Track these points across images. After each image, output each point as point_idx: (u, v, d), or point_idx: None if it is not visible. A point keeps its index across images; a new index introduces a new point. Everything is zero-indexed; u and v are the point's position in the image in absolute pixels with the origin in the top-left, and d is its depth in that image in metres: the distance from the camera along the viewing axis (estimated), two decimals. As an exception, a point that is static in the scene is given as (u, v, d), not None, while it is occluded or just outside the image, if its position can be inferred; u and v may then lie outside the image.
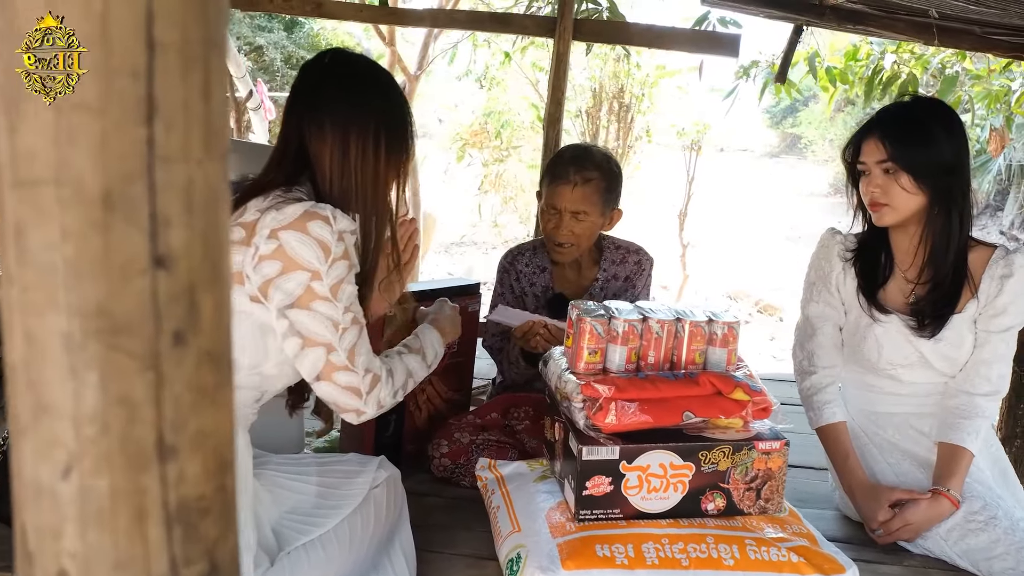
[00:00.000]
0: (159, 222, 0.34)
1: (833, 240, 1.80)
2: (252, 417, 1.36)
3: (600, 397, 1.37)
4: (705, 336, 1.48)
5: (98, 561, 0.36)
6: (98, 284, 0.33)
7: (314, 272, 1.20)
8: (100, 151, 0.32)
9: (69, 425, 0.34)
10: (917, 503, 1.63)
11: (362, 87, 1.38)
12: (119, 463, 0.35)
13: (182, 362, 0.36)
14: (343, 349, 1.22)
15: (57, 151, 0.32)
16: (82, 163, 0.32)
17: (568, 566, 1.30)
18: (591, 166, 1.95)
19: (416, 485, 1.85)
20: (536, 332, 1.82)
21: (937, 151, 1.60)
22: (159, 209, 0.34)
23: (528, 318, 1.85)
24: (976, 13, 2.61)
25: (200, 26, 0.34)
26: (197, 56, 0.34)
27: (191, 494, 0.38)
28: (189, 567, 0.38)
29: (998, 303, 1.66)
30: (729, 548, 1.36)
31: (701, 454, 1.40)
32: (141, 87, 0.33)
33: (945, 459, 1.66)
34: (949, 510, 1.61)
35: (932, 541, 1.65)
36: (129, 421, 0.35)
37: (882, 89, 5.81)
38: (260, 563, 1.26)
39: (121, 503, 0.35)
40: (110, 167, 0.33)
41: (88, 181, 0.32)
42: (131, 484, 0.35)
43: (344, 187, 1.34)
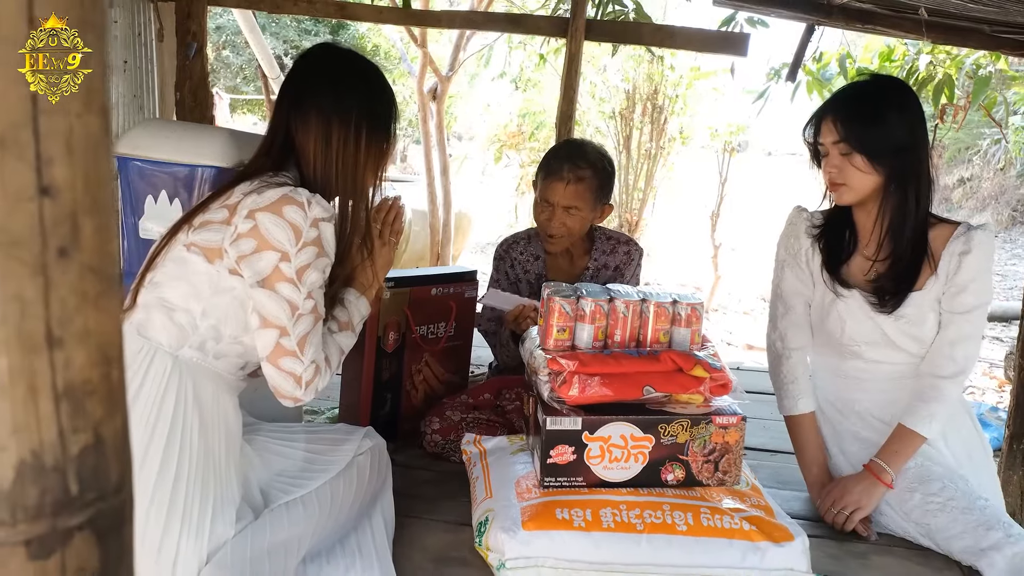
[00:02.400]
0: (43, 160, 0.44)
1: (800, 217, 1.85)
2: (241, 384, 1.48)
3: (564, 371, 1.46)
4: (669, 316, 1.56)
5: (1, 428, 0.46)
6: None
7: (283, 253, 1.31)
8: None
9: (-26, 316, 0.45)
10: (846, 476, 1.70)
11: (346, 81, 1.48)
12: (15, 347, 0.45)
13: (67, 271, 0.46)
14: (295, 335, 1.31)
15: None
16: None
17: (528, 527, 1.39)
18: (585, 164, 2.03)
19: (409, 460, 1.96)
20: (526, 315, 1.92)
21: (890, 131, 1.63)
22: (43, 150, 0.44)
23: (518, 302, 1.94)
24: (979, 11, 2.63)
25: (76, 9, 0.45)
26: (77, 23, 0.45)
27: (77, 378, 0.48)
28: (76, 435, 0.48)
29: (958, 280, 1.68)
30: (684, 515, 1.43)
31: (660, 427, 1.48)
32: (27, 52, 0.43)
33: (892, 438, 1.71)
34: (873, 482, 1.66)
35: (894, 521, 1.70)
36: (22, 315, 0.45)
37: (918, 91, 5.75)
38: (244, 516, 1.37)
39: (17, 379, 0.46)
40: (2, 118, 0.43)
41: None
42: (25, 365, 0.46)
43: (326, 173, 1.45)
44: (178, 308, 1.35)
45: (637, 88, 8.45)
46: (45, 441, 0.47)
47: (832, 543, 1.68)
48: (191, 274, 1.35)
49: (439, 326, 2.09)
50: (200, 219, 1.39)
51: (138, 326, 1.36)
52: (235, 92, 14.01)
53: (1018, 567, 1.51)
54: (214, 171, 1.63)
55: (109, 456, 0.50)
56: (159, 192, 1.65)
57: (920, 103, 1.70)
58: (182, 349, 1.35)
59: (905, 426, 1.70)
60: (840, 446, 1.85)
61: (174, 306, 1.35)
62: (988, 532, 1.57)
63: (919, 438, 1.70)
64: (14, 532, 0.47)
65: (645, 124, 8.53)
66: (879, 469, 1.69)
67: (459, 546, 1.53)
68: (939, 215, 1.77)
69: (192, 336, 1.35)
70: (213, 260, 1.35)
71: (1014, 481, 3.08)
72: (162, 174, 1.64)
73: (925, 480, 1.69)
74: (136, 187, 1.66)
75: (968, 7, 2.58)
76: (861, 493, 1.69)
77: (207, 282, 1.35)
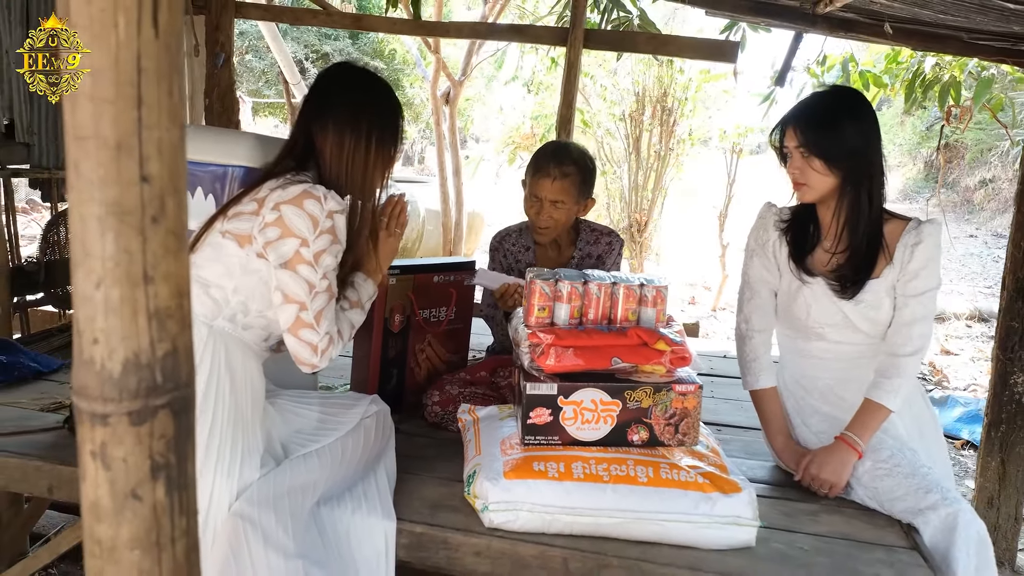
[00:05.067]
0: (143, 158, 0.68)
1: (769, 212, 2.06)
2: (265, 354, 1.72)
3: (542, 343, 1.68)
4: (637, 297, 1.78)
5: (114, 335, 0.69)
6: (114, 190, 0.67)
7: (303, 240, 1.54)
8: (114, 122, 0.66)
9: (99, 262, 0.68)
10: (820, 448, 1.90)
11: (360, 96, 1.72)
12: (124, 282, 0.68)
13: (157, 233, 0.69)
14: (313, 310, 1.55)
15: (94, 122, 0.66)
16: (106, 128, 0.66)
17: (509, 476, 1.62)
18: (569, 162, 2.26)
19: (412, 428, 2.19)
20: (511, 293, 2.14)
21: (844, 137, 1.84)
22: (143, 152, 0.68)
23: (504, 280, 2.17)
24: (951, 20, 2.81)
25: (167, 56, 0.68)
26: (164, 74, 0.68)
27: (162, 305, 0.71)
28: (161, 344, 0.71)
29: (911, 268, 1.87)
30: (645, 469, 1.65)
31: (626, 393, 1.70)
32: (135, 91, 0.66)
33: (860, 412, 1.90)
34: (846, 451, 1.86)
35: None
36: (130, 261, 0.69)
37: (923, 92, 5.89)
38: (267, 463, 1.61)
39: (126, 304, 0.69)
40: (119, 128, 0.67)
41: (108, 136, 0.66)
42: (129, 295, 0.69)
43: (339, 173, 1.68)
44: (213, 285, 1.59)
45: (647, 91, 8.65)
46: (141, 347, 0.70)
47: (787, 503, 1.89)
48: (225, 256, 1.59)
49: (441, 310, 2.33)
50: (233, 210, 1.63)
51: (179, 301, 1.60)
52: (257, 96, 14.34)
53: (950, 525, 1.70)
54: (243, 170, 1.87)
55: (181, 360, 0.73)
56: (195, 189, 1.89)
57: (874, 112, 1.90)
58: (216, 320, 1.59)
59: (872, 400, 1.88)
60: (803, 419, 2.06)
61: (210, 283, 1.59)
62: (927, 495, 1.76)
63: (884, 410, 1.87)
64: (120, 406, 0.70)
65: (655, 126, 8.72)
66: (852, 440, 1.87)
67: (451, 497, 1.76)
68: (893, 211, 1.98)
69: (225, 309, 1.60)
70: (244, 245, 1.59)
71: (992, 467, 3.26)
72: (199, 173, 1.88)
73: (876, 449, 1.89)
74: (175, 184, 1.91)
75: (939, 17, 2.77)
76: (836, 466, 1.87)
77: (238, 264, 1.59)
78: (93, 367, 0.69)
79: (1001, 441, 3.16)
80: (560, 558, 1.57)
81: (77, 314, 0.70)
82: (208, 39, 3.54)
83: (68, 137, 0.67)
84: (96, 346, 0.69)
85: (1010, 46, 3.04)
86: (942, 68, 5.98)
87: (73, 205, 0.69)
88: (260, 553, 1.43)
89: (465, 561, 1.60)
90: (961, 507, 1.71)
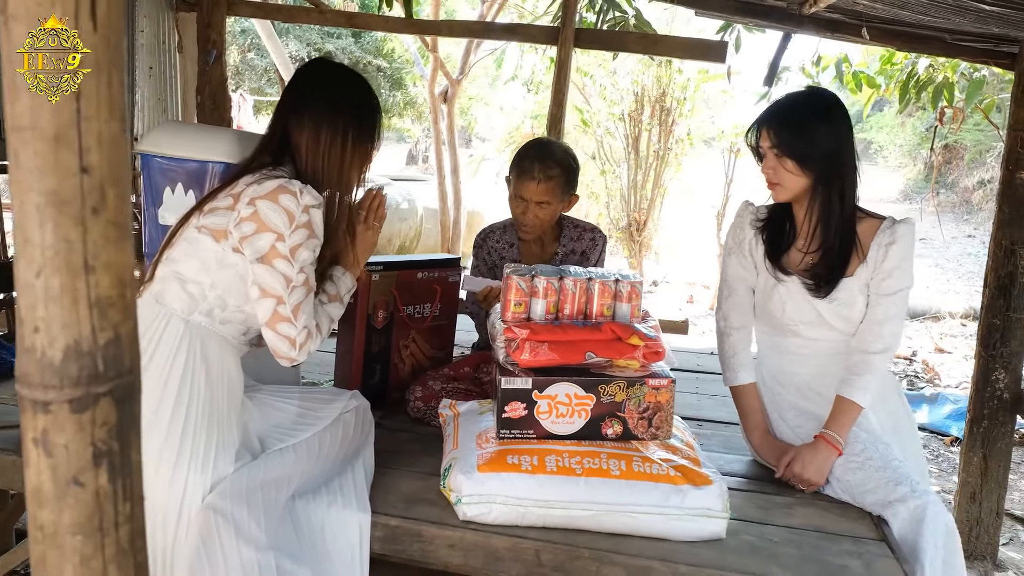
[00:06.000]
0: (83, 150, 0.69)
1: (746, 211, 2.07)
2: (244, 348, 1.73)
3: (518, 338, 1.69)
4: (612, 293, 1.79)
5: (54, 323, 0.71)
6: (52, 180, 0.69)
7: (279, 234, 1.56)
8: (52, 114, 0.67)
9: (38, 250, 0.69)
10: (802, 446, 1.91)
11: (336, 91, 1.73)
12: (64, 272, 0.70)
13: (97, 223, 0.71)
14: (290, 304, 1.57)
15: (32, 114, 0.67)
16: (43, 119, 0.67)
17: (483, 469, 1.63)
18: (553, 163, 2.27)
19: (394, 424, 2.20)
20: (495, 295, 2.15)
21: (816, 139, 1.85)
22: (83, 143, 0.69)
23: (486, 283, 2.18)
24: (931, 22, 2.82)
25: (106, 49, 0.69)
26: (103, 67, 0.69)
27: (103, 294, 0.72)
28: (102, 332, 0.72)
29: (885, 267, 1.89)
30: (618, 462, 1.66)
31: (600, 387, 1.71)
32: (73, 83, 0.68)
33: (835, 410, 1.91)
34: (828, 450, 1.87)
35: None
36: (69, 251, 0.70)
37: (917, 93, 5.88)
38: (242, 457, 1.63)
39: (66, 293, 0.70)
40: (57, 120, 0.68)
41: (46, 127, 0.67)
42: (70, 284, 0.70)
43: (315, 168, 1.70)
44: (189, 280, 1.61)
45: (646, 90, 8.66)
46: (82, 334, 0.71)
47: (762, 496, 1.90)
48: (201, 251, 1.61)
49: (425, 306, 2.34)
50: (209, 205, 1.64)
51: (156, 295, 1.62)
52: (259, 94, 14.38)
53: (918, 517, 1.72)
54: (223, 166, 1.88)
55: (124, 348, 0.74)
56: (176, 184, 1.91)
57: (847, 114, 1.91)
58: (193, 315, 1.61)
59: (844, 397, 1.90)
60: (781, 414, 2.07)
61: (186, 278, 1.61)
62: (896, 487, 1.78)
63: (856, 407, 1.89)
64: (62, 393, 0.71)
65: (653, 126, 8.72)
66: (832, 439, 1.88)
67: (428, 490, 1.77)
68: (866, 210, 1.99)
69: (201, 304, 1.61)
70: (219, 240, 1.60)
71: (974, 462, 3.27)
72: (178, 169, 1.90)
73: (850, 443, 1.90)
74: (156, 180, 1.92)
75: (919, 18, 2.78)
76: (819, 465, 1.88)
77: (214, 258, 1.60)
78: (34, 355, 0.71)
79: (983, 437, 3.17)
80: (532, 550, 1.58)
81: (19, 302, 0.72)
82: (200, 36, 3.56)
83: (8, 128, 0.69)
84: (37, 334, 0.71)
85: (993, 47, 3.04)
86: (935, 69, 5.98)
87: (14, 195, 0.70)
88: (231, 545, 1.44)
89: (439, 553, 1.62)
90: (929, 499, 1.72)
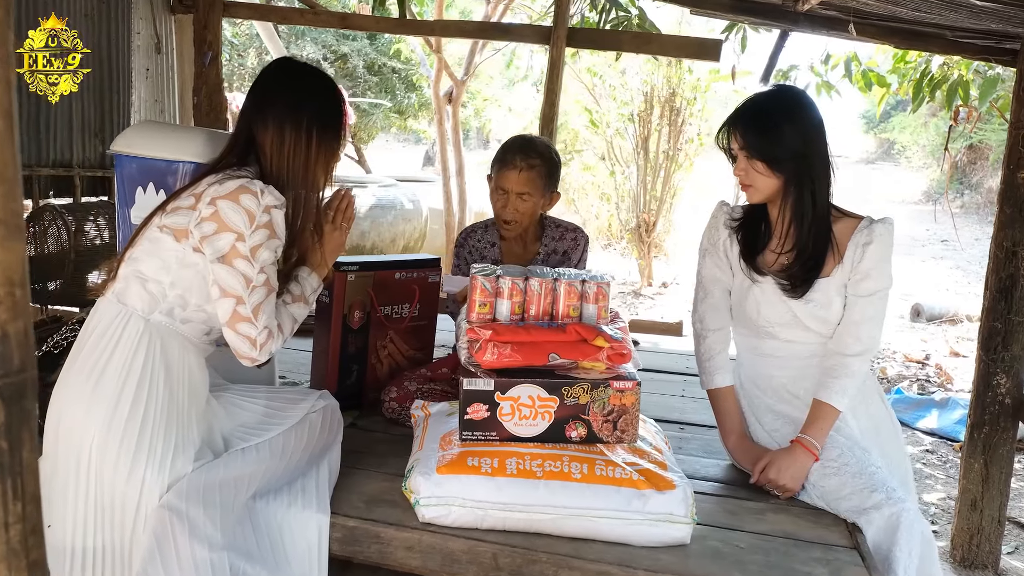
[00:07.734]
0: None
1: (721, 211, 2.04)
2: (208, 348, 1.73)
3: (480, 339, 1.68)
4: (578, 294, 1.77)
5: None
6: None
7: (239, 234, 1.56)
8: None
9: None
10: (778, 451, 1.88)
11: (299, 91, 1.73)
12: (-53, 269, 0.70)
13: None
14: (250, 304, 1.57)
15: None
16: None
17: (442, 471, 1.62)
18: (535, 154, 2.27)
19: (369, 424, 2.20)
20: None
21: (785, 140, 1.82)
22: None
23: (467, 283, 2.17)
24: (929, 18, 2.77)
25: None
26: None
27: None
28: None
29: (862, 268, 1.85)
30: (580, 466, 1.64)
31: (564, 389, 1.69)
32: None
33: (811, 414, 1.88)
34: (804, 455, 1.84)
35: (794, 483, 1.88)
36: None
37: (931, 92, 5.79)
38: (203, 456, 1.63)
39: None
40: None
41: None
42: (-46, 281, 0.70)
43: (280, 168, 1.70)
44: (150, 279, 1.61)
45: (655, 90, 8.62)
46: (-32, 333, 0.71)
47: (734, 501, 1.87)
48: (162, 251, 1.61)
49: (403, 307, 2.33)
50: (172, 205, 1.65)
51: (118, 294, 1.62)
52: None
53: (893, 525, 1.68)
54: (193, 166, 1.89)
55: (13, 347, 0.74)
56: (147, 184, 1.92)
57: (817, 113, 1.88)
58: (153, 314, 1.61)
59: (820, 401, 1.87)
60: (758, 417, 2.04)
61: (147, 277, 1.61)
62: (872, 494, 1.74)
63: (834, 411, 1.86)
64: (-53, 393, 0.71)
65: (663, 126, 8.69)
66: (808, 444, 1.85)
67: (392, 492, 1.76)
68: (844, 209, 1.95)
69: (162, 303, 1.61)
70: (180, 239, 1.60)
71: (975, 469, 3.20)
72: (150, 169, 1.91)
73: (826, 448, 1.87)
74: (128, 180, 1.93)
75: (915, 14, 2.73)
76: (795, 471, 1.84)
77: (175, 258, 1.60)
78: (-82, 353, 0.71)
79: (984, 443, 3.10)
80: (490, 553, 1.57)
81: None
82: (196, 38, 3.59)
83: None
84: (-80, 332, 0.71)
85: (994, 43, 2.98)
86: (949, 67, 5.89)
87: None
88: (185, 544, 1.44)
89: (396, 555, 1.61)
90: (905, 507, 1.69)
